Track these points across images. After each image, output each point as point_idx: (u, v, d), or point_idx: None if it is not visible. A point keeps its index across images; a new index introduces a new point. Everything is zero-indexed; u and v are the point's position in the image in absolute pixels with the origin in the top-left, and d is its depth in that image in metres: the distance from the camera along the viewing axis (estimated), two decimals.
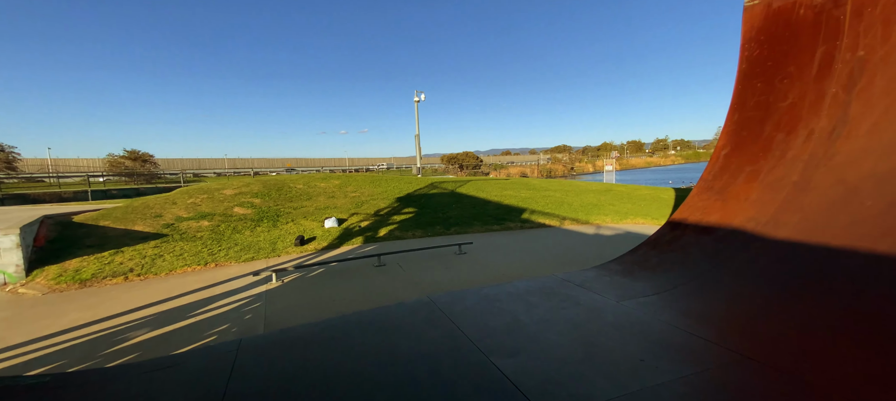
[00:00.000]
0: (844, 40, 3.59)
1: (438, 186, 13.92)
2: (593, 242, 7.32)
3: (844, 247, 2.89)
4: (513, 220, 9.60)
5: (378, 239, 8.32)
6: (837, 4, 3.68)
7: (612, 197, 11.61)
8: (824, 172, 3.42)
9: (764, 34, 4.39)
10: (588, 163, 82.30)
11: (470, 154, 56.62)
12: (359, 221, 9.65)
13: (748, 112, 4.47)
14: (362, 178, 15.49)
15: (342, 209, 10.72)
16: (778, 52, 4.20)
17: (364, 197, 12.20)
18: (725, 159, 4.55)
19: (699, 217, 4.33)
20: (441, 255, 6.79)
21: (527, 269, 5.66)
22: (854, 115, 3.39)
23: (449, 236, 8.45)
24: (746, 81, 4.54)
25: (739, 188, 4.15)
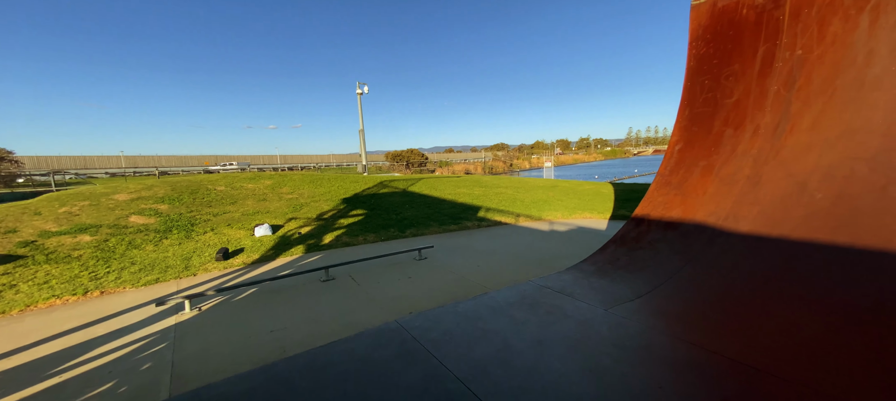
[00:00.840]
0: (783, 39, 3.76)
1: (389, 184, 13.01)
2: (552, 238, 7.24)
3: (805, 240, 2.94)
4: (469, 219, 9.22)
5: (323, 247, 7.27)
6: (777, 5, 3.85)
7: (559, 193, 11.95)
8: (773, 166, 3.54)
9: (710, 32, 4.52)
10: (524, 160, 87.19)
11: (415, 151, 55.84)
12: (298, 227, 8.40)
13: (698, 108, 4.59)
14: (299, 177, 13.87)
15: (276, 214, 9.30)
16: (723, 50, 4.34)
17: (303, 199, 10.82)
18: (679, 154, 4.63)
19: (661, 212, 4.32)
20: (400, 262, 6.07)
21: (496, 273, 5.25)
22: (795, 111, 3.56)
23: (406, 240, 7.74)
24: (695, 78, 4.66)
25: (696, 183, 4.21)
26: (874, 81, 3.09)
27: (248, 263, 6.44)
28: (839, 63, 3.33)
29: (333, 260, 6.30)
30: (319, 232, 8.14)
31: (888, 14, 3.07)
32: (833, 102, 3.31)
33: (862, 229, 2.70)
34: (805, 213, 3.09)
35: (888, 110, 2.94)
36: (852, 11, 3.29)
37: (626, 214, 9.05)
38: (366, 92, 18.81)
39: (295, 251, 6.99)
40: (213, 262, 6.33)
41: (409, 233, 8.22)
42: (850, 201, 2.88)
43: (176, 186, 10.67)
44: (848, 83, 3.24)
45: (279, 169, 46.33)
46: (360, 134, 19.23)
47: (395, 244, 7.40)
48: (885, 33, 3.07)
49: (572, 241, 6.87)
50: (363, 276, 5.45)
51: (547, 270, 5.19)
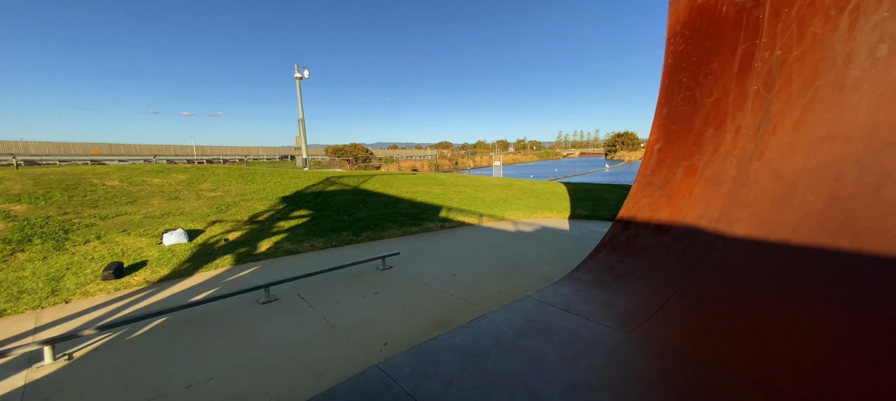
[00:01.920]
0: (763, 39, 3.79)
1: (337, 181, 11.63)
2: (522, 240, 6.90)
3: (806, 245, 2.87)
4: (431, 219, 8.51)
5: (259, 257, 5.94)
6: (757, 4, 3.87)
7: (517, 192, 11.88)
8: (759, 167, 3.51)
9: (688, 29, 4.48)
10: (469, 159, 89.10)
11: (359, 146, 53.20)
12: (224, 233, 6.86)
13: (676, 106, 4.53)
14: (224, 172, 11.75)
15: (194, 216, 7.54)
16: (702, 48, 4.31)
17: (230, 197, 9.05)
18: (660, 154, 4.52)
19: (648, 215, 4.14)
20: (361, 274, 5.13)
21: (477, 283, 4.64)
22: (776, 112, 3.58)
23: (362, 245, 6.74)
24: (673, 75, 4.60)
25: (680, 183, 4.10)
26: (854, 84, 3.14)
27: (152, 281, 4.91)
28: (819, 64, 3.36)
29: (275, 274, 5.10)
30: (253, 238, 6.72)
31: (867, 16, 3.13)
32: (814, 104, 3.34)
33: (862, 234, 2.65)
34: (800, 215, 3.03)
35: (869, 113, 2.99)
36: (832, 12, 3.34)
37: (583, 213, 9.17)
38: (306, 76, 16.77)
39: (221, 263, 5.58)
40: (99, 282, 4.69)
41: (365, 236, 7.23)
42: (844, 204, 2.86)
43: (41, 179, 8.11)
44: (828, 85, 3.28)
45: (196, 162, 40.23)
46: (300, 123, 17.12)
47: (350, 251, 6.37)
48: (864, 35, 3.13)
49: (543, 242, 6.59)
50: (316, 293, 4.42)
51: (530, 277, 4.74)
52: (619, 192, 11.59)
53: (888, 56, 2.96)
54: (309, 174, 12.74)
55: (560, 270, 4.98)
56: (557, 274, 4.82)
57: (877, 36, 3.05)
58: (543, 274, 4.81)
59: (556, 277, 4.69)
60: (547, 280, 4.58)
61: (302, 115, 17.25)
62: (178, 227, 6.65)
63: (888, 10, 2.99)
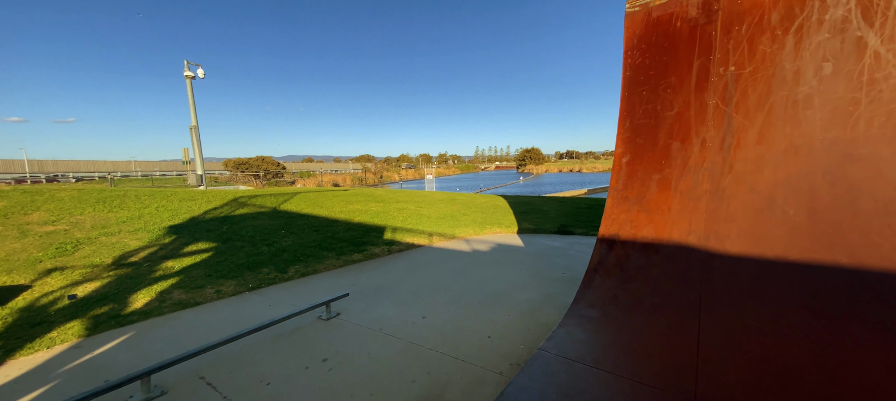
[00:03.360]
0: (717, 55, 3.99)
1: (248, 202, 9.44)
2: (485, 262, 6.33)
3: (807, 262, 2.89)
4: (374, 243, 7.38)
5: (132, 317, 4.09)
6: (709, 20, 4.09)
7: (461, 207, 11.44)
8: (732, 180, 3.60)
9: (645, 43, 4.58)
10: (394, 172, 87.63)
11: (267, 159, 47.39)
12: (68, 286, 4.68)
13: (638, 119, 4.56)
14: (72, 195, 8.60)
15: (13, 264, 5.06)
16: (659, 62, 4.43)
17: (82, 232, 6.49)
18: (629, 167, 4.47)
19: (631, 232, 3.97)
20: (298, 331, 3.83)
21: (456, 328, 3.82)
22: (738, 126, 3.75)
23: (292, 285, 5.29)
24: (632, 88, 4.65)
25: (656, 198, 4.05)
26: (805, 100, 3.39)
27: None
28: (771, 80, 3.59)
29: (160, 347, 3.46)
30: (123, 288, 4.71)
31: (810, 37, 3.43)
32: (772, 118, 3.54)
33: (858, 250, 2.73)
34: (787, 230, 3.08)
35: (824, 127, 3.23)
36: (778, 32, 3.60)
37: (529, 226, 9.14)
38: (201, 76, 13.70)
39: (60, 337, 3.63)
40: None
41: (295, 272, 5.77)
42: (825, 216, 2.96)
43: None
44: (782, 100, 3.50)
45: (27, 180, 30.37)
46: (193, 132, 13.77)
47: (276, 294, 4.90)
48: (809, 53, 3.41)
49: (508, 263, 6.12)
50: (233, 373, 3.04)
51: (515, 311, 4.13)
52: (555, 204, 12.11)
53: (833, 74, 3.25)
54: (208, 195, 10.18)
55: (542, 297, 4.50)
56: (542, 303, 4.31)
57: (821, 55, 3.35)
58: (528, 306, 4.25)
59: (542, 308, 4.17)
60: (537, 314, 4.02)
61: (195, 122, 13.97)
62: None
63: (829, 31, 3.31)
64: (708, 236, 3.35)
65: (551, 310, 4.07)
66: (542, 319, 3.86)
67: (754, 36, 3.75)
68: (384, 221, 9.14)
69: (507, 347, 3.29)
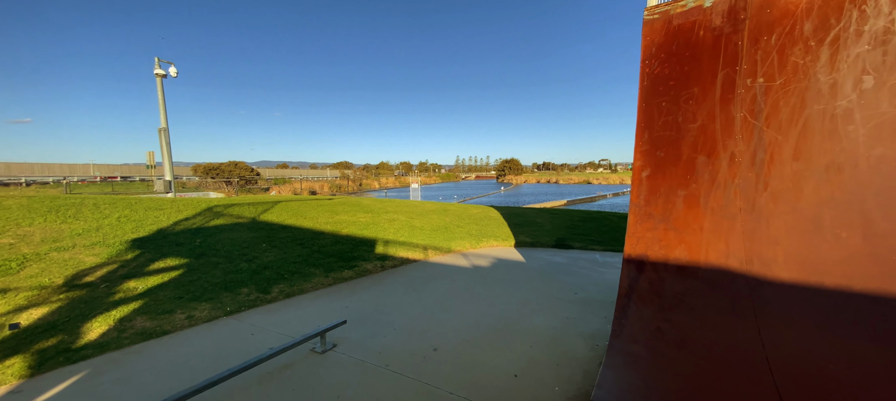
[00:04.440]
0: (744, 66, 3.87)
1: (224, 211, 8.62)
2: (487, 280, 5.96)
3: (876, 292, 2.69)
4: (366, 258, 6.86)
5: (84, 352, 3.41)
6: (735, 30, 3.98)
7: (454, 218, 11.05)
8: (768, 198, 3.44)
9: (664, 51, 4.44)
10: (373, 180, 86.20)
11: (240, 165, 45.32)
12: (7, 314, 3.91)
13: (658, 131, 4.39)
14: (21, 203, 7.56)
15: None
16: (680, 72, 4.28)
17: (29, 246, 5.61)
18: (650, 182, 4.27)
19: (661, 253, 3.73)
20: (288, 369, 3.28)
21: (474, 365, 3.40)
22: (770, 140, 3.62)
23: (276, 308, 4.69)
24: (650, 99, 4.48)
25: (684, 216, 3.84)
26: (845, 114, 3.27)
27: None
28: (804, 93, 3.47)
29: (118, 395, 2.83)
30: (76, 314, 3.98)
31: (848, 48, 3.33)
32: (808, 133, 3.41)
33: None
34: (843, 255, 2.90)
35: (868, 144, 3.11)
36: (812, 42, 3.49)
37: (527, 240, 8.88)
38: (173, 75, 12.64)
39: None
40: None
41: (278, 292, 5.17)
42: (886, 242, 2.79)
43: None
44: (818, 114, 3.37)
45: None
46: (162, 134, 12.58)
47: (259, 319, 4.30)
48: (847, 66, 3.30)
49: (513, 282, 5.78)
50: None
51: (533, 342, 3.76)
52: (548, 216, 11.97)
53: (875, 88, 3.15)
54: (178, 203, 9.27)
55: (560, 323, 4.16)
56: (562, 331, 3.97)
57: (860, 67, 3.25)
58: (548, 334, 3.89)
59: (564, 337, 3.83)
60: (560, 345, 3.67)
61: (165, 123, 12.83)
62: None
63: (869, 43, 3.23)
64: (750, 260, 3.13)
65: (575, 340, 3.74)
66: (569, 350, 3.52)
67: (785, 47, 3.63)
68: (374, 233, 8.61)
69: (540, 390, 2.91)
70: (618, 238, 8.96)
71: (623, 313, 3.32)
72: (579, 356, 3.38)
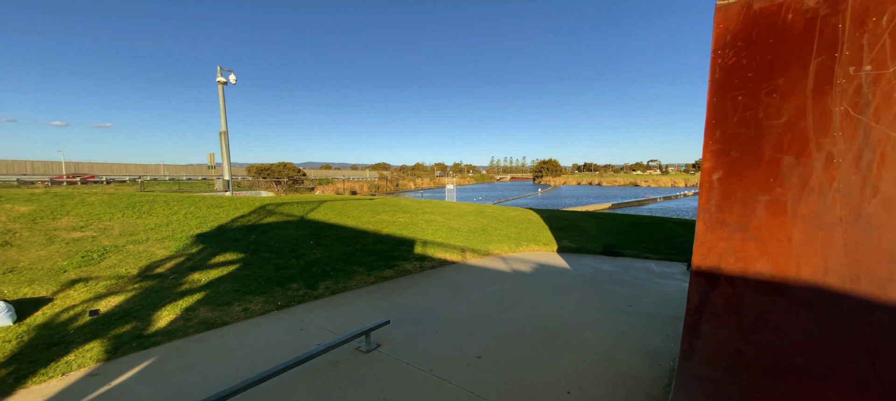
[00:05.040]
0: (845, 52, 3.31)
1: (275, 210, 9.17)
2: (530, 287, 5.72)
3: None
4: (406, 258, 6.89)
5: (155, 338, 3.70)
6: (834, 11, 3.41)
7: (491, 220, 10.86)
8: (879, 206, 2.90)
9: (742, 40, 3.92)
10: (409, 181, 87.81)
11: (289, 166, 48.21)
12: (92, 300, 4.36)
13: (733, 129, 3.88)
14: (103, 199, 8.52)
15: (37, 273, 4.81)
16: (761, 62, 3.75)
17: (109, 239, 6.27)
18: (722, 185, 3.79)
19: (739, 266, 3.29)
20: (335, 366, 3.32)
21: (521, 377, 3.23)
22: (880, 138, 3.05)
23: (322, 304, 4.82)
24: (723, 93, 3.98)
25: (767, 224, 3.35)
26: None
27: None
28: None
29: (182, 378, 3.02)
30: (147, 303, 4.35)
31: None
32: None
33: None
34: None
35: None
36: None
37: (570, 245, 8.45)
38: (233, 82, 13.80)
39: (77, 362, 3.25)
40: None
41: (324, 288, 5.32)
42: None
43: None
44: None
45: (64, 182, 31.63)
46: (222, 137, 13.82)
47: (306, 315, 4.44)
48: None
49: (557, 290, 5.48)
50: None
51: (585, 357, 3.50)
52: (593, 221, 11.34)
53: None
54: (235, 201, 10.00)
55: (614, 337, 3.85)
56: (617, 345, 3.67)
57: None
58: (601, 349, 3.60)
59: (620, 353, 3.52)
60: (616, 362, 3.38)
61: (225, 127, 14.03)
62: (0, 296, 3.99)
63: None
64: (856, 278, 2.66)
65: (633, 357, 3.42)
66: (627, 368, 3.22)
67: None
68: (413, 233, 8.66)
69: None
70: (676, 246, 8.25)
71: (693, 331, 2.97)
72: (640, 376, 3.08)
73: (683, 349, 2.85)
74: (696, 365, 2.74)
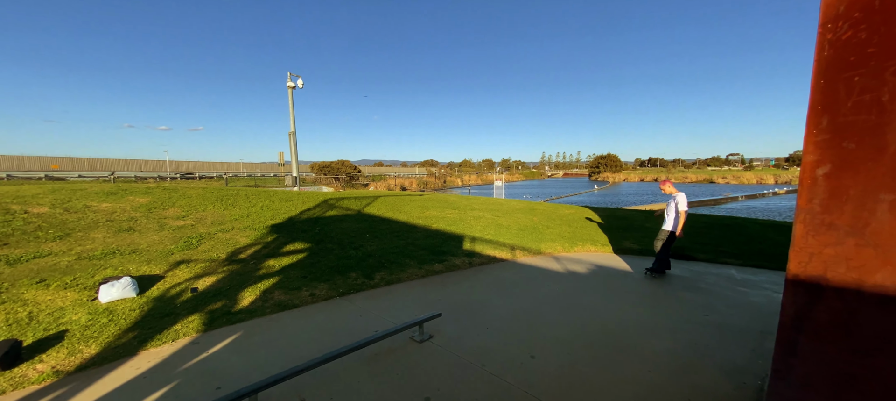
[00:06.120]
0: None
1: (336, 204, 9.92)
2: (586, 288, 5.43)
3: None
4: (455, 252, 6.96)
5: (240, 315, 4.21)
6: None
7: (543, 218, 10.51)
8: None
9: (860, 9, 3.23)
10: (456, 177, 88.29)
11: (346, 163, 51.39)
12: (192, 279, 5.08)
13: (846, 116, 3.23)
14: (198, 192, 9.89)
15: (152, 254, 5.73)
16: (886, 35, 3.06)
17: (204, 227, 7.24)
18: (830, 182, 3.19)
19: (852, 277, 2.76)
20: (391, 353, 3.48)
21: (581, 381, 3.09)
22: None
23: (378, 293, 5.09)
24: (834, 73, 3.31)
25: (890, 228, 2.75)
26: None
27: (67, 370, 3.13)
28: None
29: (263, 352, 3.40)
30: (233, 285, 4.97)
31: None
32: None
33: None
34: None
35: None
36: None
37: (632, 247, 7.84)
38: (300, 86, 15.17)
39: (183, 330, 3.83)
40: None
41: (380, 279, 5.59)
42: None
43: None
44: None
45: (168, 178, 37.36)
46: (291, 137, 15.33)
47: (364, 302, 4.72)
48: None
49: (620, 293, 5.13)
50: (331, 397, 2.76)
51: (654, 368, 3.23)
52: (656, 221, 10.36)
53: None
54: (302, 196, 10.98)
55: (687, 349, 3.49)
56: (691, 359, 3.33)
57: None
58: (672, 361, 3.30)
59: (696, 368, 3.19)
60: (691, 376, 3.07)
61: (293, 127, 15.51)
62: (126, 273, 4.85)
63: None
64: None
65: (712, 372, 3.08)
66: (705, 384, 2.91)
67: None
68: (461, 229, 8.71)
69: None
70: (762, 251, 7.22)
71: (790, 348, 2.57)
72: (720, 394, 2.76)
73: (776, 368, 2.49)
74: (792, 389, 2.38)
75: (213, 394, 2.82)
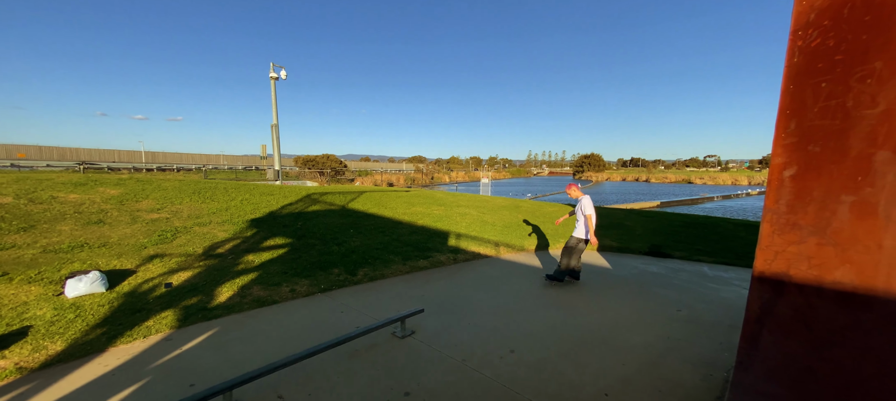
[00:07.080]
0: None
1: (320, 199, 9.75)
2: (569, 285, 5.53)
3: None
4: (439, 249, 6.97)
5: (216, 312, 4.11)
6: None
7: (527, 214, 10.64)
8: None
9: (829, 18, 3.39)
10: (444, 174, 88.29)
11: (332, 157, 50.53)
12: (166, 274, 4.92)
13: (813, 120, 3.39)
14: (175, 185, 9.54)
15: (123, 248, 5.51)
16: (854, 42, 3.22)
17: (180, 221, 7.01)
18: (795, 183, 3.35)
19: (812, 274, 2.91)
20: (372, 349, 3.47)
21: (558, 374, 3.16)
22: None
23: (360, 289, 5.05)
24: (803, 79, 3.47)
25: (850, 228, 2.91)
26: None
27: (30, 367, 2.99)
28: None
29: (239, 348, 3.33)
30: (210, 280, 4.84)
31: None
32: None
33: None
34: None
35: None
36: None
37: (612, 244, 8.04)
38: (283, 77, 14.76)
39: (155, 327, 3.70)
40: None
41: (363, 275, 5.55)
42: None
43: None
44: None
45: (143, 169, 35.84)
46: (274, 130, 14.90)
47: (346, 298, 4.67)
48: None
49: (600, 289, 5.26)
50: (310, 394, 2.73)
51: (626, 360, 3.33)
52: (639, 219, 10.68)
53: None
54: (284, 190, 10.74)
55: (660, 342, 3.62)
56: (663, 352, 3.45)
57: None
58: (646, 353, 3.42)
59: (666, 360, 3.31)
60: (661, 368, 3.18)
61: (276, 120, 15.10)
62: (94, 267, 4.64)
63: None
64: None
65: (680, 365, 3.20)
66: (673, 376, 3.02)
67: None
68: (447, 226, 8.73)
69: None
70: (733, 249, 7.52)
71: (753, 342, 2.70)
72: (688, 385, 2.87)
73: (739, 360, 2.61)
74: (754, 380, 2.50)
75: (187, 392, 2.75)
